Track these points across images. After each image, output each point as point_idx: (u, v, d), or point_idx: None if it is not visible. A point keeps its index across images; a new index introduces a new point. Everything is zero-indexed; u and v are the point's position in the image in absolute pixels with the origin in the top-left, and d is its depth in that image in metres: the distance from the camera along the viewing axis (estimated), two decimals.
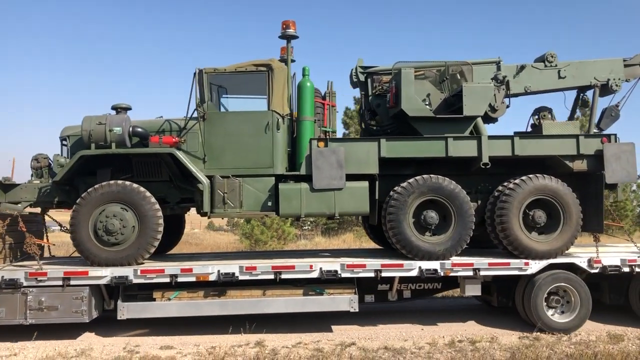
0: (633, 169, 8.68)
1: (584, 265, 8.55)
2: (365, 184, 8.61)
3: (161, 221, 8.37)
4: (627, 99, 10.03)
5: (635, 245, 9.12)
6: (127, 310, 8.17)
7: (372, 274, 8.34)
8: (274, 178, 8.66)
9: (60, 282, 8.00)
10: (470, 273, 8.45)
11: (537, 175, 8.66)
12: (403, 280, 8.92)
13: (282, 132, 8.76)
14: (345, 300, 8.41)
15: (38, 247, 8.62)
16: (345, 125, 29.18)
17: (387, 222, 8.54)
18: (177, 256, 10.66)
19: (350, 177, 8.60)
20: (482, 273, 8.48)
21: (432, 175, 8.61)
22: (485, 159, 8.66)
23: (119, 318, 8.15)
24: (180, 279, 8.11)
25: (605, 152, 8.67)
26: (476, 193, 9.19)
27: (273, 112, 8.67)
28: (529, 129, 9.95)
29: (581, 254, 8.89)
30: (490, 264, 8.47)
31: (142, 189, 8.34)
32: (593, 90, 9.79)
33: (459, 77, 9.44)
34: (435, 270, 8.37)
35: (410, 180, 8.58)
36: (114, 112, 8.72)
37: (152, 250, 8.38)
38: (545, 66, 9.83)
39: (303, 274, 8.26)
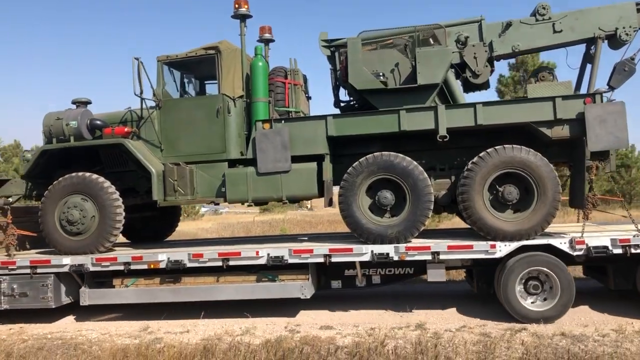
0: (622, 132, 7.33)
1: (564, 246, 7.42)
2: (313, 165, 8.15)
3: (120, 210, 8.57)
4: None
5: (633, 222, 7.71)
6: (88, 296, 8.51)
7: (321, 259, 7.91)
8: (226, 163, 8.50)
9: (28, 271, 8.52)
10: (429, 257, 7.71)
11: (505, 146, 7.63)
12: (372, 265, 8.37)
13: (235, 116, 8.55)
14: (295, 287, 8.07)
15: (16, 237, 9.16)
16: (500, 93, 27.14)
17: (338, 203, 8.04)
18: (173, 243, 10.91)
19: (300, 159, 8.20)
20: (442, 257, 7.69)
21: (383, 153, 7.93)
22: (442, 132, 7.79)
23: (81, 304, 8.53)
24: (132, 267, 8.28)
25: (587, 114, 7.40)
26: (451, 169, 8.34)
27: (223, 96, 8.49)
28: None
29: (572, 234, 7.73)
30: (449, 247, 7.65)
31: (101, 179, 8.60)
32: (595, 43, 8.39)
33: (431, 42, 8.57)
34: (387, 254, 7.74)
35: (361, 160, 7.97)
36: (74, 107, 9.06)
37: (113, 239, 8.63)
38: (537, 20, 8.56)
39: (250, 260, 8.04)
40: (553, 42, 8.59)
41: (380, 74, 8.12)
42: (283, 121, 8.33)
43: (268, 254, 7.97)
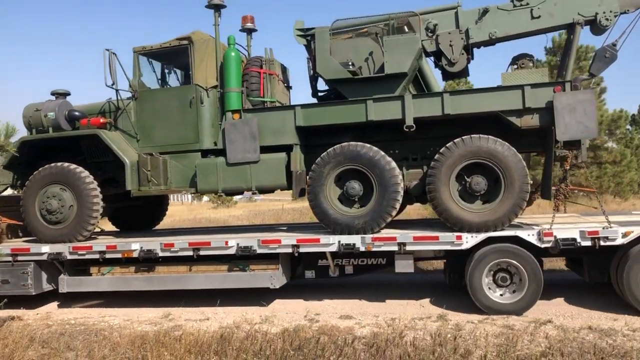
0: (591, 122, 7.12)
1: (532, 238, 7.27)
2: (281, 155, 8.15)
3: (97, 200, 8.72)
4: (629, 35, 8.22)
5: (604, 213, 7.49)
6: (66, 283, 8.72)
7: (289, 250, 7.93)
8: (200, 154, 8.56)
9: (10, 259, 8.76)
10: (395, 248, 7.65)
11: (472, 136, 7.49)
12: (345, 255, 8.35)
13: (208, 106, 8.59)
14: (265, 277, 8.13)
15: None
16: None
17: (306, 193, 8.03)
18: (159, 232, 11.08)
19: (270, 149, 8.20)
20: (409, 248, 7.62)
21: (350, 143, 7.88)
22: (409, 122, 7.68)
23: (60, 291, 8.74)
24: (107, 256, 8.43)
25: (555, 103, 7.21)
26: (423, 159, 8.23)
27: (196, 86, 8.53)
28: None
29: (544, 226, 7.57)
30: (415, 238, 7.58)
31: (78, 169, 8.75)
32: (573, 29, 8.14)
33: (406, 29, 8.43)
34: (354, 245, 7.71)
35: (329, 150, 7.93)
36: (54, 98, 9.21)
37: (91, 227, 8.79)
38: (515, 6, 8.33)
39: (219, 250, 8.11)
40: (531, 29, 8.36)
41: (350, 63, 8.03)
42: (253, 112, 8.33)
43: (237, 244, 8.03)
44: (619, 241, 7.08)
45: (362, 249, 7.72)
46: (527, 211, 9.04)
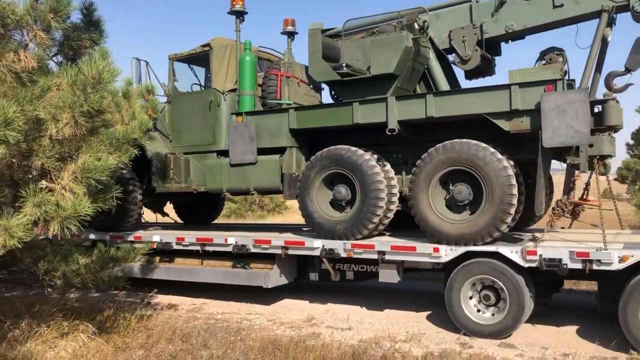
0: (583, 126, 6.12)
1: (515, 256, 6.48)
2: (276, 157, 8.25)
3: None
4: None
5: (602, 232, 6.33)
6: None
7: (279, 251, 8.03)
8: (215, 154, 9.02)
9: None
10: (375, 256, 7.35)
11: (454, 141, 6.89)
12: (346, 260, 8.22)
13: (225, 109, 9.01)
14: (259, 276, 8.32)
15: None
16: None
17: (297, 196, 8.06)
18: (216, 225, 11.83)
19: (269, 151, 8.36)
20: (388, 257, 7.27)
21: (336, 146, 7.72)
22: (391, 125, 7.30)
23: None
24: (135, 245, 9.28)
25: (543, 104, 6.32)
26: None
27: (214, 90, 9.01)
28: None
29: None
30: (393, 247, 7.21)
31: None
32: (601, 17, 7.05)
33: (416, 27, 8.02)
34: (333, 250, 7.57)
35: (317, 153, 7.86)
36: None
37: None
38: None
39: (220, 247, 8.49)
40: (554, 19, 7.44)
41: (343, 64, 7.85)
42: (252, 114, 8.56)
43: (235, 242, 8.34)
44: (615, 266, 6.03)
45: (343, 255, 7.55)
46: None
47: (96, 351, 5.98)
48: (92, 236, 9.69)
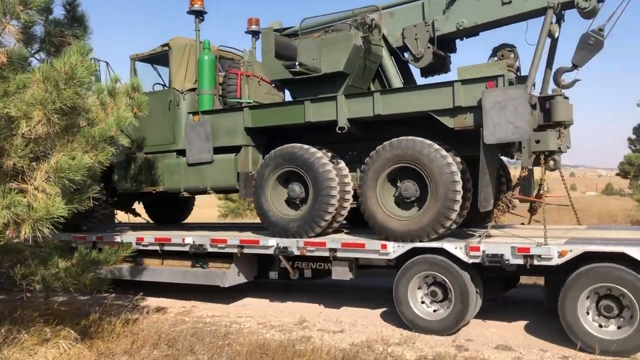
0: (522, 122, 6.15)
1: (459, 252, 6.52)
2: (231, 156, 8.27)
3: None
4: (619, 18, 6.98)
5: (544, 228, 6.37)
6: None
7: (235, 250, 8.06)
8: (175, 154, 9.05)
9: None
10: (327, 254, 7.39)
11: (401, 138, 6.93)
12: (303, 258, 8.25)
13: (184, 108, 9.04)
14: (217, 275, 8.35)
15: None
16: None
17: (252, 195, 8.09)
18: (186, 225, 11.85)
19: (225, 150, 8.38)
20: (340, 254, 7.31)
21: (291, 145, 7.75)
22: (341, 123, 7.33)
23: None
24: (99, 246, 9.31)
25: (484, 100, 6.35)
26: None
27: (174, 90, 9.04)
28: None
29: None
30: (343, 244, 7.25)
31: None
32: (546, 14, 7.09)
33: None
34: (287, 248, 7.60)
35: (271, 152, 7.89)
36: None
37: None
38: None
39: (177, 247, 8.51)
40: (503, 16, 7.46)
41: (296, 63, 7.88)
42: (208, 113, 8.58)
43: (193, 242, 8.37)
44: (555, 261, 6.07)
45: (297, 253, 7.59)
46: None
47: (77, 358, 5.85)
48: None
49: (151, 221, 12.37)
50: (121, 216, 12.58)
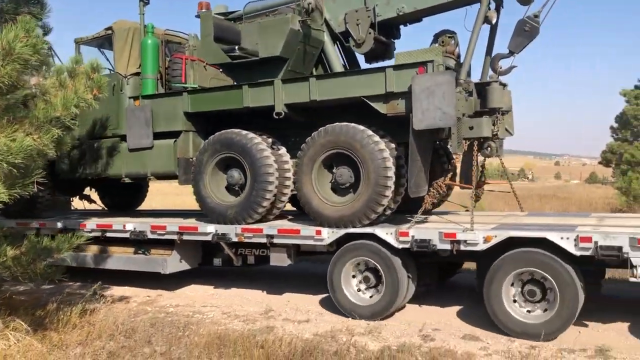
0: (450, 107, 6.15)
1: (389, 238, 6.54)
2: (170, 142, 8.19)
3: None
4: (552, 5, 6.99)
5: (471, 215, 6.42)
6: None
7: (175, 237, 8.00)
8: (119, 139, 8.92)
9: None
10: (264, 240, 7.36)
11: (335, 124, 6.90)
12: (245, 245, 8.21)
13: (128, 93, 8.89)
14: (157, 262, 8.28)
15: None
16: None
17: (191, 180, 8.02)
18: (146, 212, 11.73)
19: (165, 135, 8.28)
20: (277, 241, 7.29)
21: (228, 130, 7.68)
22: (278, 108, 7.28)
23: None
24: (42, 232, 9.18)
25: (414, 86, 6.34)
26: None
27: (117, 74, 8.89)
28: None
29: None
30: (279, 231, 7.23)
31: None
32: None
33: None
34: (225, 235, 7.56)
35: (210, 138, 7.82)
36: None
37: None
38: None
39: (118, 233, 8.43)
40: (441, 2, 7.43)
41: (236, 47, 7.78)
42: (149, 98, 8.47)
43: (134, 228, 8.29)
44: (480, 247, 6.11)
45: (235, 239, 7.55)
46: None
47: (26, 350, 5.53)
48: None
49: (106, 208, 12.23)
50: (77, 203, 12.45)
